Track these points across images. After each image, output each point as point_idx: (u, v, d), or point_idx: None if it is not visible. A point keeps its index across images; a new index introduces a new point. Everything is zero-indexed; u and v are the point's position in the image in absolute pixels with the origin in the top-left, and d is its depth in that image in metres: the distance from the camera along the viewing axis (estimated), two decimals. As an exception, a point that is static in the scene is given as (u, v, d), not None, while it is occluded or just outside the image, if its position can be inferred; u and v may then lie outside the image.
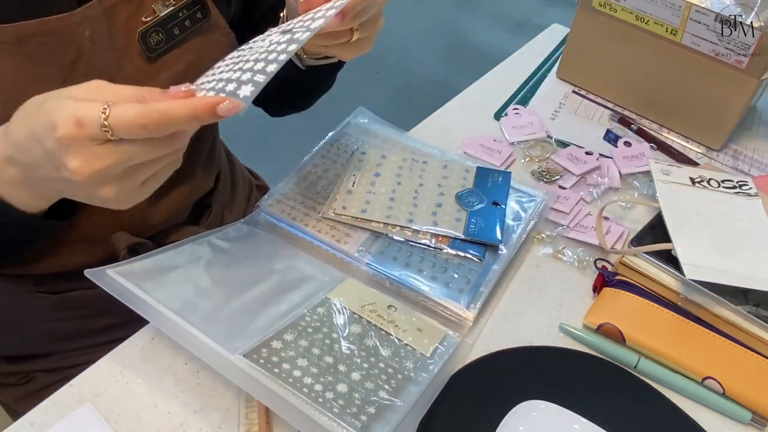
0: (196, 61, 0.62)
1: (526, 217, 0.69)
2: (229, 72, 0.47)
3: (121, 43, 0.57)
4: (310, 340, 0.53)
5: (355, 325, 0.56)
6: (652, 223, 0.68)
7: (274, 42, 0.49)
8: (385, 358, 0.54)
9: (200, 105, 0.42)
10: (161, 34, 0.59)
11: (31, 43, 0.52)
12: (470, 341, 0.59)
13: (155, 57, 0.59)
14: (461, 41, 2.65)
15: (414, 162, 0.73)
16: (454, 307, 0.60)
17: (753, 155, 0.84)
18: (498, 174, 0.73)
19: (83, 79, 0.54)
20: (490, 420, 0.52)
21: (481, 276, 0.63)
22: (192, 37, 0.61)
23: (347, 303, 0.58)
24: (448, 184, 0.71)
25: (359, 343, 0.54)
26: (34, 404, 0.53)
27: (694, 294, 0.61)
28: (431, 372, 0.53)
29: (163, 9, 0.58)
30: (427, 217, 0.67)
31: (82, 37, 0.54)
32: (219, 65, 0.51)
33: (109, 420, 0.52)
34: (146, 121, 0.41)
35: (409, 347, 0.55)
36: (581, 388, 0.56)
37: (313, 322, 0.55)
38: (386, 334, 0.56)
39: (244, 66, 0.47)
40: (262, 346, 0.51)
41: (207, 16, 0.62)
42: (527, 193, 0.72)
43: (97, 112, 0.40)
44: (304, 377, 0.50)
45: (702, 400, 0.57)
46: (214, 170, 0.79)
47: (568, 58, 0.93)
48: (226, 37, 0.65)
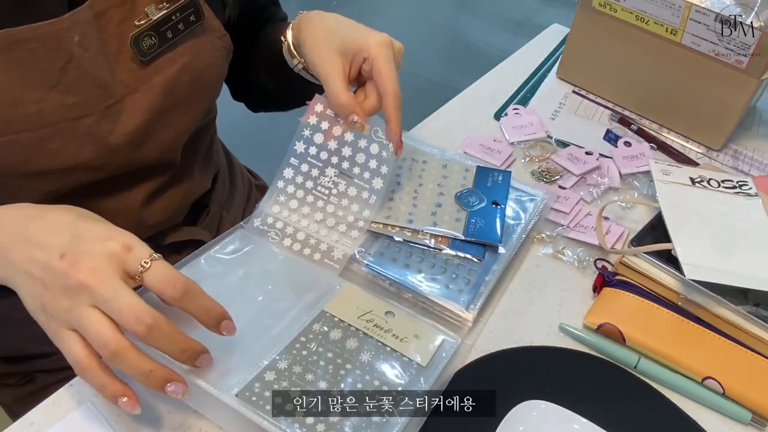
0: (190, 64, 0.61)
1: (526, 217, 0.69)
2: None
3: (113, 47, 0.57)
4: (304, 365, 0.53)
5: (351, 340, 0.55)
6: (652, 223, 0.68)
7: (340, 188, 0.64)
8: (381, 374, 0.53)
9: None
10: (154, 37, 0.58)
11: (20, 49, 0.51)
12: (470, 342, 0.59)
13: (148, 61, 0.59)
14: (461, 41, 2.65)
15: (413, 161, 0.73)
16: (454, 308, 0.60)
17: (753, 155, 0.84)
18: (498, 173, 0.73)
19: (74, 84, 0.55)
20: (490, 420, 0.52)
21: (480, 276, 0.63)
22: (185, 40, 0.61)
23: (343, 314, 0.57)
24: (447, 184, 0.71)
25: (354, 361, 0.54)
26: (34, 404, 0.53)
27: (694, 294, 0.61)
28: (429, 381, 0.53)
29: (156, 12, 0.57)
30: (426, 217, 0.67)
31: (70, 42, 0.53)
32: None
33: (109, 420, 0.52)
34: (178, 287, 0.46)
35: (406, 358, 0.54)
36: (581, 388, 0.56)
37: (308, 343, 0.55)
38: (383, 346, 0.55)
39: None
40: (255, 380, 0.51)
41: (201, 19, 0.61)
42: (527, 192, 0.72)
43: (147, 252, 0.46)
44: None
45: (702, 400, 0.57)
46: (212, 170, 0.79)
47: (568, 58, 0.93)
48: (221, 39, 0.65)
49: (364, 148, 0.64)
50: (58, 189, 0.59)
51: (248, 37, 0.75)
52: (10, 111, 0.52)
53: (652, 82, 0.85)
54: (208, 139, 0.76)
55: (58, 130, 0.55)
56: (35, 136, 0.54)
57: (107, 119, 0.57)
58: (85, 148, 0.57)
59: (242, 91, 0.84)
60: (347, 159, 0.64)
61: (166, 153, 0.64)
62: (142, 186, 0.65)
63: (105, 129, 0.57)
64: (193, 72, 0.62)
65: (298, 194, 0.65)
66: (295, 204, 0.65)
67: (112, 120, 0.58)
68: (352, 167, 0.64)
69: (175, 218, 0.71)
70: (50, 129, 0.54)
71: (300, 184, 0.65)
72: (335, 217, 0.65)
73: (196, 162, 0.73)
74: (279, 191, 0.66)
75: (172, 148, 0.65)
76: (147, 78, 0.59)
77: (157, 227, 0.69)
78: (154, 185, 0.66)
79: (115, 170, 0.61)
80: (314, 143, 0.65)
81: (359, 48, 0.60)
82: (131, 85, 0.59)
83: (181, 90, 0.61)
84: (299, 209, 0.65)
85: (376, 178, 0.64)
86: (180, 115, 0.63)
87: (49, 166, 0.56)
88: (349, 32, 0.61)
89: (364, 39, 0.60)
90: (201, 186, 0.75)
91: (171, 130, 0.63)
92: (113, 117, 0.58)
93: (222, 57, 0.66)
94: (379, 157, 0.63)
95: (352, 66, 0.61)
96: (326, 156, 0.65)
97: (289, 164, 0.65)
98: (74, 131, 0.55)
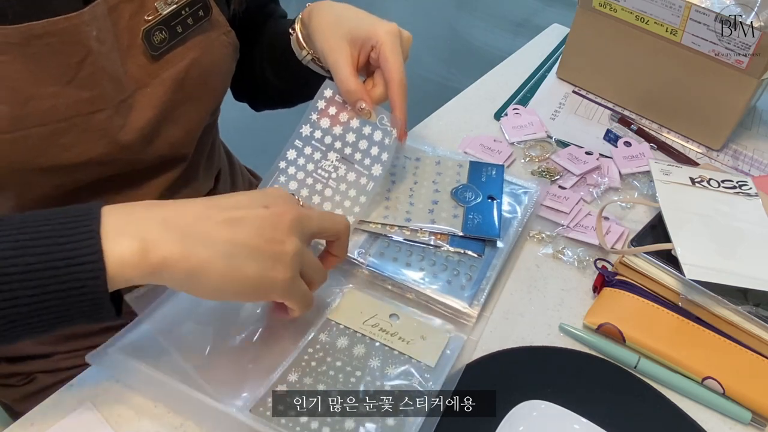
0: (199, 59, 0.62)
1: (522, 210, 0.70)
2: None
3: (125, 42, 0.57)
4: (314, 376, 0.53)
5: (359, 346, 0.55)
6: (652, 223, 0.68)
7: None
8: (391, 377, 0.53)
9: None
10: (164, 32, 0.58)
11: (37, 44, 0.51)
12: (475, 338, 0.59)
13: (158, 55, 0.59)
14: (461, 41, 2.65)
15: (407, 159, 0.73)
16: (457, 304, 0.60)
17: (753, 155, 0.84)
18: (491, 167, 0.73)
19: (90, 78, 0.55)
20: (490, 420, 0.52)
21: (482, 271, 0.63)
22: (194, 35, 0.61)
23: (348, 321, 0.57)
24: (442, 181, 0.71)
25: (364, 367, 0.54)
26: (34, 405, 0.53)
27: (694, 294, 0.61)
28: (438, 381, 0.53)
29: (165, 7, 0.58)
30: (424, 215, 0.67)
31: (89, 36, 0.53)
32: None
33: (109, 420, 0.52)
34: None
35: (414, 360, 0.55)
36: (581, 388, 0.56)
37: (316, 353, 0.55)
38: (390, 350, 0.55)
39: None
40: (267, 395, 0.51)
41: (209, 14, 0.61)
42: (520, 185, 0.73)
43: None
44: (310, 422, 0.49)
45: (702, 400, 0.56)
46: (214, 170, 0.79)
47: (568, 58, 0.93)
48: (227, 36, 0.65)
49: (368, 135, 0.64)
50: (69, 184, 0.59)
51: (250, 34, 0.75)
52: (25, 106, 0.52)
53: (652, 82, 0.85)
54: (211, 138, 0.76)
55: (72, 125, 0.55)
56: (48, 130, 0.54)
57: (119, 114, 0.58)
58: (98, 143, 0.57)
59: (246, 89, 0.84)
60: (350, 145, 0.65)
61: (176, 149, 0.65)
62: (153, 184, 0.65)
63: (117, 124, 0.58)
64: (202, 67, 0.62)
65: (298, 176, 0.65)
66: (295, 185, 0.65)
67: (124, 115, 0.58)
68: (354, 153, 0.65)
69: None
70: (64, 124, 0.54)
71: (301, 166, 0.65)
72: (332, 202, 0.65)
73: (201, 162, 0.73)
74: (280, 171, 0.66)
75: (182, 144, 0.65)
76: (157, 73, 0.59)
77: None
78: (164, 183, 0.66)
79: (126, 166, 0.61)
80: (320, 127, 0.65)
81: (367, 36, 0.60)
82: (142, 80, 0.59)
83: (191, 85, 0.62)
84: (298, 191, 0.65)
85: (376, 164, 0.64)
86: (189, 110, 0.64)
87: (60, 161, 0.56)
88: (357, 21, 0.62)
89: (372, 27, 0.60)
90: (205, 185, 0.75)
91: (180, 126, 0.63)
92: (125, 112, 0.58)
93: (230, 53, 0.66)
94: (381, 143, 0.64)
95: (361, 54, 0.62)
96: (330, 140, 0.65)
97: (293, 146, 0.65)
98: (87, 126, 0.56)
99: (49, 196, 0.59)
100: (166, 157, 0.64)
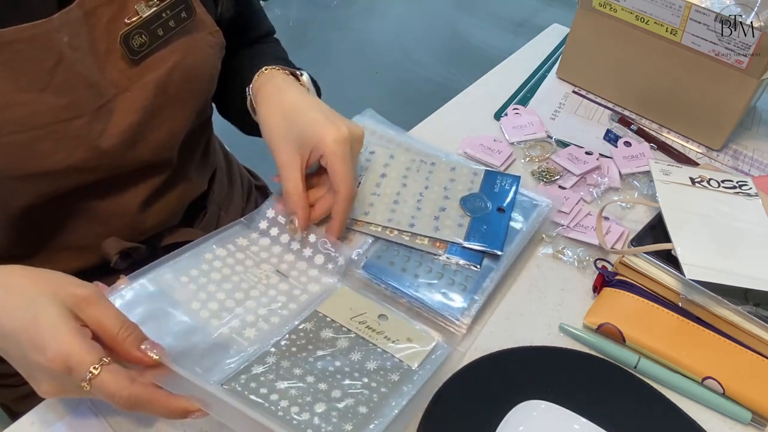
0: (182, 61, 0.61)
1: (529, 224, 0.68)
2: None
3: (103, 47, 0.56)
4: (293, 360, 0.53)
5: (342, 339, 0.55)
6: (652, 223, 0.68)
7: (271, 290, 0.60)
8: (370, 372, 0.53)
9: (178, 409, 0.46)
10: (144, 35, 0.57)
11: (7, 51, 0.50)
12: (462, 349, 0.58)
13: (139, 59, 0.58)
14: (461, 41, 2.65)
15: (422, 163, 0.73)
16: (449, 315, 0.59)
17: (753, 155, 0.84)
18: (506, 178, 0.72)
19: (65, 85, 0.54)
20: (489, 420, 0.52)
21: (477, 283, 0.62)
22: (177, 37, 0.60)
23: (336, 315, 0.57)
24: (454, 188, 0.70)
25: (344, 359, 0.54)
26: (34, 405, 0.53)
27: (694, 294, 0.61)
28: (417, 384, 0.53)
29: (146, 10, 0.57)
30: (429, 221, 0.66)
31: (59, 43, 0.53)
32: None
33: (109, 420, 0.52)
34: (123, 404, 0.44)
35: (396, 359, 0.54)
36: (581, 388, 0.56)
37: (299, 340, 0.55)
38: (373, 347, 0.55)
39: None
40: (242, 372, 0.51)
41: (192, 16, 0.60)
42: (532, 198, 0.71)
43: (86, 369, 0.43)
44: (281, 400, 0.49)
45: (702, 400, 0.57)
46: (209, 170, 0.79)
47: (568, 58, 0.93)
48: (213, 35, 0.64)
49: (308, 258, 0.63)
50: (52, 191, 0.59)
51: (233, 43, 0.74)
52: (2, 113, 0.51)
53: (652, 82, 0.85)
54: (204, 139, 0.75)
55: (50, 132, 0.54)
56: (26, 138, 0.53)
57: (99, 120, 0.57)
58: (78, 149, 0.56)
59: (225, 109, 0.81)
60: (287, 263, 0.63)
61: (160, 153, 0.64)
62: (139, 188, 0.65)
63: (97, 129, 0.57)
64: (185, 69, 0.61)
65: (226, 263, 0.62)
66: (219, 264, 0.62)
67: (104, 120, 0.57)
68: (290, 270, 0.63)
69: (171, 220, 0.71)
70: (41, 131, 0.54)
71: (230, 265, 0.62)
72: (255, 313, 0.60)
73: (192, 163, 0.72)
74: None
75: (166, 147, 0.65)
76: (139, 77, 0.59)
77: (154, 229, 0.69)
78: (150, 187, 0.66)
79: (109, 172, 0.61)
80: (257, 244, 0.64)
81: (316, 145, 0.60)
82: (122, 84, 0.58)
83: (174, 88, 0.61)
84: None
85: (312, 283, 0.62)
86: (173, 113, 0.63)
87: (41, 168, 0.55)
88: (305, 124, 0.60)
89: (321, 134, 0.59)
90: (198, 187, 0.75)
91: (165, 129, 0.63)
92: (105, 117, 0.57)
93: (215, 53, 0.65)
94: (323, 267, 0.62)
95: (311, 157, 0.61)
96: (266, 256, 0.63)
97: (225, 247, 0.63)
98: (66, 133, 0.55)
99: (33, 205, 0.59)
100: (150, 161, 0.63)
